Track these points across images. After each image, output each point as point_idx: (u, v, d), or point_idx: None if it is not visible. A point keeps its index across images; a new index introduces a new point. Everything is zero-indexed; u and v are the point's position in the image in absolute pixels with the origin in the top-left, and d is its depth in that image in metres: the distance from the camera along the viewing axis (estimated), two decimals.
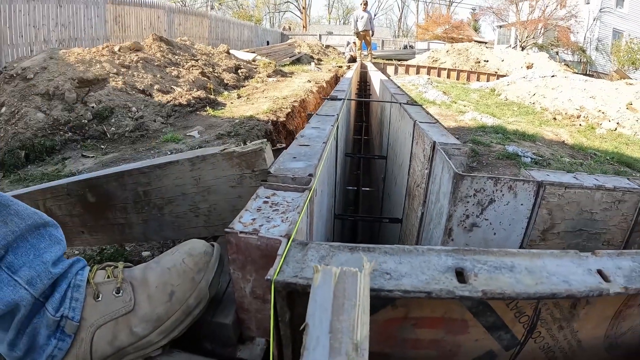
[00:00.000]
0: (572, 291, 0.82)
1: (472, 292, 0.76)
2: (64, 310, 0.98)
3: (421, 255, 0.86)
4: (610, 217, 1.86)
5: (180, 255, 1.11)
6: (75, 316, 0.99)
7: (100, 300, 1.02)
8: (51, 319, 0.97)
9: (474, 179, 1.72)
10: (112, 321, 1.01)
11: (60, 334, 0.98)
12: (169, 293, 1.05)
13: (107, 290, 1.04)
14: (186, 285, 1.07)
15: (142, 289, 1.05)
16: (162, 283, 1.06)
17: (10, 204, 0.97)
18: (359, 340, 0.58)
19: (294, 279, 0.77)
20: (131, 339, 1.01)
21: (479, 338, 0.94)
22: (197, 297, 1.07)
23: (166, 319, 1.04)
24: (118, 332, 1.01)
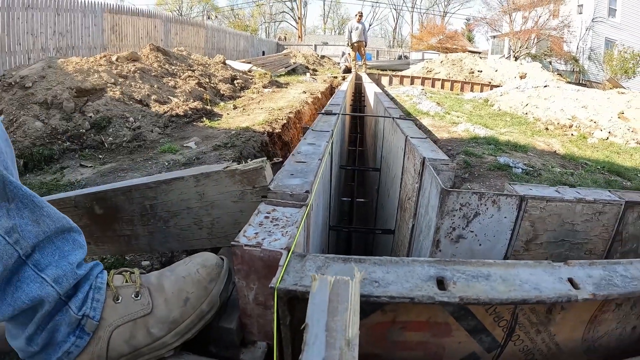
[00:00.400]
0: (542, 297, 0.91)
1: (450, 298, 0.86)
2: (85, 309, 1.05)
3: (406, 266, 0.96)
4: (591, 228, 1.94)
5: (194, 265, 1.20)
6: (96, 316, 1.06)
7: (120, 302, 1.10)
8: (74, 317, 1.04)
9: (459, 194, 1.81)
10: (130, 322, 1.09)
11: (79, 332, 1.05)
12: (184, 299, 1.14)
13: (127, 294, 1.12)
14: (200, 293, 1.16)
15: (159, 294, 1.13)
16: (178, 289, 1.15)
17: (43, 206, 1.04)
18: (350, 337, 0.68)
19: (294, 286, 0.87)
20: (148, 339, 1.09)
21: (461, 340, 1.03)
22: (209, 304, 1.17)
23: (181, 322, 1.12)
24: (136, 332, 1.09)
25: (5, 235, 0.94)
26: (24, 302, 0.97)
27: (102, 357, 1.07)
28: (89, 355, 1.06)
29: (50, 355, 1.04)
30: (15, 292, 0.97)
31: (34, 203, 1.04)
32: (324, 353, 0.66)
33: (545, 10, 30.78)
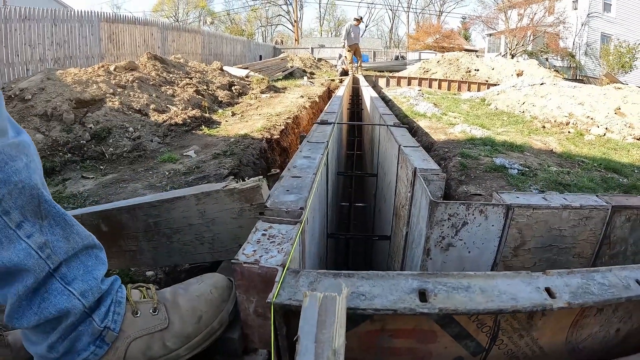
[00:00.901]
0: (517, 307, 0.98)
1: (430, 309, 0.94)
2: (107, 322, 1.13)
3: (391, 279, 1.04)
4: (579, 233, 1.99)
5: (207, 286, 1.30)
6: (116, 328, 1.14)
7: (139, 316, 1.19)
8: (96, 329, 1.11)
9: (447, 205, 1.88)
10: (148, 335, 1.17)
11: (99, 342, 1.12)
12: (198, 316, 1.23)
13: (145, 309, 1.20)
14: (212, 312, 1.26)
15: (175, 311, 1.22)
16: (192, 308, 1.24)
17: (73, 224, 1.12)
18: (336, 347, 0.77)
19: (289, 301, 0.95)
20: (163, 351, 1.18)
21: (447, 346, 1.10)
22: (219, 322, 1.27)
23: (194, 337, 1.22)
24: (152, 345, 1.17)
25: (38, 250, 1.02)
26: (51, 313, 1.05)
27: None
28: None
29: None
30: (43, 303, 1.04)
31: (65, 221, 1.11)
32: None
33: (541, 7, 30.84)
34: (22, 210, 1.01)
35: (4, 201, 0.97)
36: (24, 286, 1.01)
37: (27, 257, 1.00)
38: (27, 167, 1.05)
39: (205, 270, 1.68)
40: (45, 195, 1.07)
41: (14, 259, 0.99)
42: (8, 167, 0.99)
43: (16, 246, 0.99)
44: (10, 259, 0.98)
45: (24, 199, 1.02)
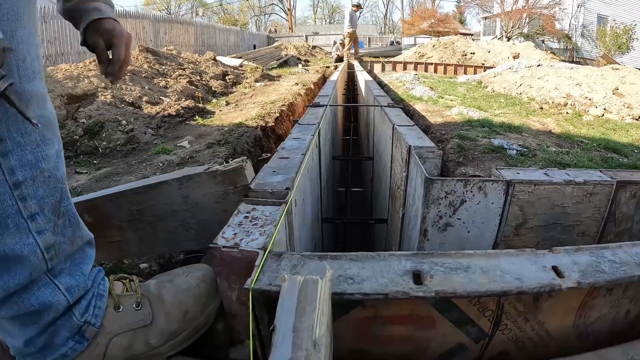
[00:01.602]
0: (524, 288, 0.90)
1: (426, 293, 0.85)
2: (87, 316, 1.05)
3: (383, 261, 0.96)
4: (583, 210, 1.93)
5: (194, 279, 1.21)
6: (97, 322, 1.06)
7: (121, 311, 1.11)
8: (75, 323, 1.03)
9: (444, 182, 1.80)
10: (130, 331, 1.09)
11: (78, 337, 1.04)
12: (184, 312, 1.15)
13: (128, 303, 1.12)
14: (198, 308, 1.17)
15: (159, 306, 1.14)
16: (178, 302, 1.15)
17: (82, 227, 1.07)
18: (317, 337, 0.68)
19: (269, 286, 0.86)
20: (145, 348, 1.10)
21: (447, 332, 1.02)
22: (205, 318, 1.18)
23: (178, 334, 1.14)
24: (134, 342, 1.09)
25: (45, 251, 0.94)
26: (32, 305, 0.96)
27: None
28: (84, 359, 1.06)
29: (45, 356, 1.04)
30: (25, 293, 0.96)
31: (78, 222, 1.05)
32: (290, 354, 0.66)
33: None
34: (41, 202, 0.93)
35: (24, 185, 0.89)
36: (15, 283, 0.92)
37: (30, 254, 0.92)
38: (58, 155, 0.97)
39: (200, 261, 1.61)
40: (68, 191, 1.00)
41: (16, 251, 0.90)
42: (39, 150, 0.91)
43: (23, 238, 0.91)
44: (12, 249, 0.89)
45: (47, 190, 0.94)
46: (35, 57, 0.90)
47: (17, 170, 0.87)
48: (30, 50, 0.87)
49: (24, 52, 0.85)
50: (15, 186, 0.87)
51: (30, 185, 0.89)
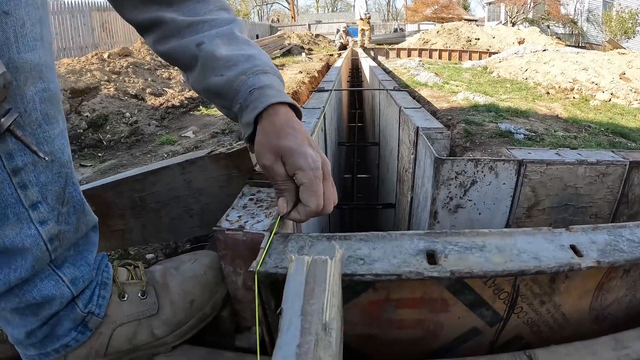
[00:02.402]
0: (542, 267, 0.86)
1: (440, 273, 0.81)
2: (91, 306, 1.00)
3: (394, 240, 0.92)
4: (595, 191, 1.89)
5: (200, 266, 1.16)
6: (101, 312, 1.02)
7: (125, 300, 1.05)
8: (79, 314, 0.98)
9: (454, 162, 1.77)
10: (135, 321, 1.05)
11: (81, 328, 1.00)
12: (190, 301, 1.10)
13: (133, 292, 1.07)
14: (205, 296, 1.12)
15: (165, 294, 1.09)
16: (184, 291, 1.10)
17: (87, 213, 0.99)
18: (327, 321, 0.64)
19: (275, 269, 0.83)
20: (150, 338, 1.06)
21: (461, 316, 0.98)
22: (212, 307, 1.14)
23: (184, 323, 1.09)
24: (139, 332, 1.05)
25: (48, 242, 0.87)
26: (35, 298, 0.90)
27: (100, 352, 1.03)
28: (87, 350, 1.02)
29: (46, 346, 0.99)
30: (26, 286, 0.89)
31: (84, 208, 0.97)
32: (298, 339, 0.61)
33: None
34: (43, 190, 0.84)
35: (24, 171, 0.80)
36: (17, 277, 0.86)
37: (33, 247, 0.84)
38: (62, 136, 0.87)
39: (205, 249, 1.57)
40: (74, 175, 0.91)
41: (17, 243, 0.83)
42: (41, 130, 0.81)
43: (24, 229, 0.83)
44: (12, 241, 0.82)
45: (50, 176, 0.85)
46: (36, 21, 0.79)
47: (16, 154, 0.79)
48: (30, 13, 0.77)
49: (22, 15, 0.75)
50: (15, 173, 0.79)
51: (31, 171, 0.81)
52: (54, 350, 1.00)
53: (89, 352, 1.03)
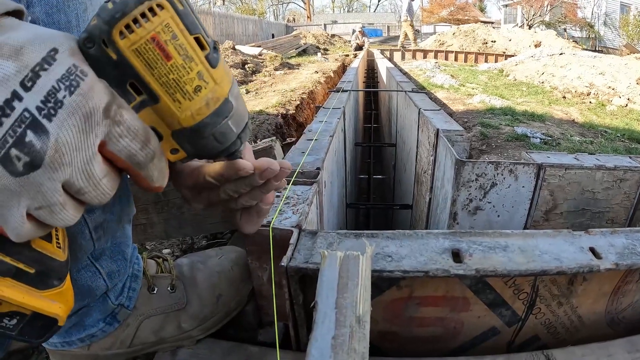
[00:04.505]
0: (563, 268, 0.88)
1: (466, 271, 0.83)
2: (122, 298, 1.01)
3: (420, 239, 0.94)
4: (612, 196, 1.90)
5: (228, 262, 1.18)
6: (131, 305, 1.03)
7: (155, 293, 1.07)
8: (110, 306, 0.99)
9: (475, 164, 1.78)
10: (162, 314, 1.06)
11: (110, 319, 1.00)
12: (217, 296, 1.11)
13: (162, 285, 1.08)
14: (232, 292, 1.14)
15: (192, 289, 1.10)
16: (211, 286, 1.12)
17: (131, 202, 0.99)
18: (361, 314, 0.66)
19: (305, 264, 0.85)
20: (176, 332, 1.07)
21: (481, 315, 1.00)
22: (238, 302, 1.15)
23: (210, 318, 1.10)
24: (166, 325, 1.06)
25: (93, 231, 0.85)
26: None
27: (125, 343, 1.05)
28: (112, 339, 1.03)
29: (71, 335, 0.99)
30: None
31: (128, 197, 0.97)
32: (333, 331, 0.64)
33: None
34: None
35: None
36: None
37: (78, 234, 0.83)
38: None
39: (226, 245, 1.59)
40: None
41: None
42: None
43: None
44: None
45: None
46: (97, 6, 0.78)
47: None
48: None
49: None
50: None
51: None
52: (79, 340, 1.00)
53: (114, 342, 1.04)
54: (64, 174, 0.47)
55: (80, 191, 0.50)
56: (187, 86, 0.52)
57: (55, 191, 0.47)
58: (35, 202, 0.47)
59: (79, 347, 1.02)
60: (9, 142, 0.43)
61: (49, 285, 0.60)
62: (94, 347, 1.03)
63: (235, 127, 0.60)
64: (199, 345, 1.11)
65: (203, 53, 0.53)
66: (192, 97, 0.53)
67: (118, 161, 0.53)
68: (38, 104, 0.45)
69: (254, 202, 0.74)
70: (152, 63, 0.50)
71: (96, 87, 0.49)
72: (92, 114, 0.48)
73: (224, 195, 0.71)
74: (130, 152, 0.52)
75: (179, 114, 0.54)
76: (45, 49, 0.46)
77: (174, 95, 0.52)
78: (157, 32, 0.49)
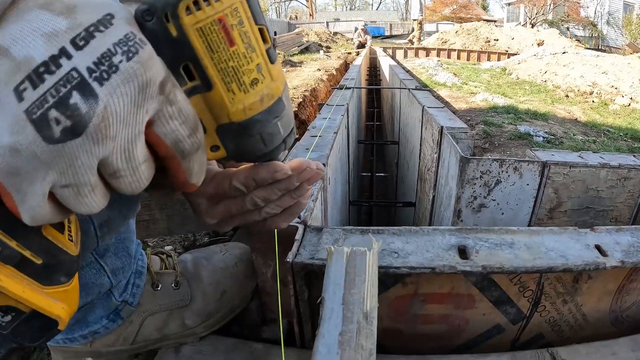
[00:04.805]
0: (569, 265, 0.87)
1: (473, 267, 0.83)
2: (126, 295, 0.99)
3: (426, 235, 0.94)
4: (616, 195, 1.90)
5: (232, 258, 1.16)
6: (134, 301, 1.01)
7: (159, 290, 1.05)
8: (113, 303, 0.97)
9: (479, 161, 1.78)
10: (167, 311, 1.04)
11: (113, 315, 0.99)
12: (221, 292, 1.10)
13: (167, 282, 1.07)
14: (236, 289, 1.12)
15: (197, 285, 1.09)
16: (215, 282, 1.10)
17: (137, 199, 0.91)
18: (368, 310, 0.66)
19: (311, 260, 0.85)
20: (180, 329, 1.06)
21: (486, 312, 1.00)
22: (241, 299, 1.14)
23: (214, 315, 1.09)
24: (170, 322, 1.05)
25: (97, 228, 0.81)
26: None
27: (128, 340, 1.03)
28: (115, 336, 1.02)
29: (74, 331, 0.97)
30: None
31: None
32: (341, 327, 0.63)
33: None
34: None
35: None
36: None
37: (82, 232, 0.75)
38: None
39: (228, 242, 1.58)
40: None
41: None
42: None
43: None
44: None
45: None
46: None
47: None
48: None
49: None
50: None
51: None
52: (81, 336, 0.99)
53: (117, 339, 1.03)
54: (105, 150, 0.42)
55: (116, 174, 0.45)
56: (244, 77, 0.50)
57: (90, 168, 0.42)
58: (63, 178, 0.42)
59: (81, 344, 1.01)
60: (48, 102, 0.39)
61: (54, 281, 0.53)
62: (96, 344, 1.02)
63: (283, 129, 0.57)
64: (202, 342, 1.11)
65: (265, 46, 0.52)
66: (248, 89, 0.51)
67: (161, 146, 0.48)
68: (89, 64, 0.40)
69: (279, 210, 0.68)
70: (214, 46, 0.47)
71: (155, 58, 0.45)
72: (148, 86, 0.44)
73: (249, 204, 0.65)
74: (177, 138, 0.48)
75: (231, 106, 0.51)
76: (101, 12, 0.42)
77: (230, 84, 0.50)
78: (225, 15, 0.47)
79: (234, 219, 0.68)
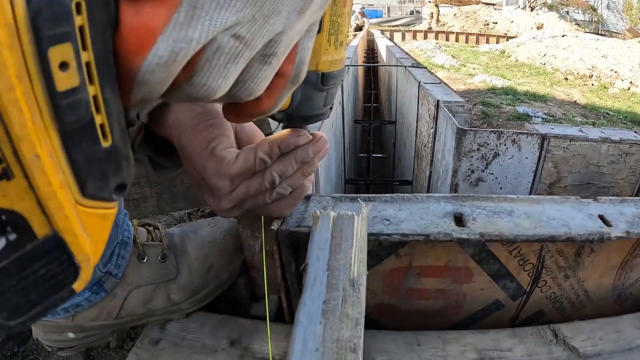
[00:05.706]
0: (572, 234, 0.83)
1: (469, 235, 0.78)
2: (110, 266, 0.95)
3: (420, 203, 0.89)
4: (618, 170, 1.87)
5: (220, 231, 1.12)
6: (119, 274, 0.96)
7: (145, 262, 1.01)
8: (97, 274, 0.93)
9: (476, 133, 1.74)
10: (152, 284, 1.00)
11: (96, 288, 0.95)
12: (208, 266, 1.06)
13: (153, 254, 1.02)
14: (224, 263, 1.08)
15: (183, 259, 1.05)
16: (203, 255, 1.07)
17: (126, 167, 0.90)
18: (355, 277, 0.61)
19: (297, 228, 0.80)
20: (166, 304, 1.01)
21: (484, 287, 0.96)
22: (229, 274, 1.09)
23: (201, 290, 1.05)
24: (155, 296, 1.01)
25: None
26: None
27: (112, 314, 0.99)
28: (98, 310, 0.97)
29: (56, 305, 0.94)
30: None
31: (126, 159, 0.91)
32: (324, 295, 0.59)
33: None
34: None
35: None
36: None
37: None
38: None
39: None
40: None
41: None
42: None
43: None
44: None
45: None
46: None
47: None
48: None
49: None
50: None
51: None
52: (62, 310, 0.95)
53: (100, 313, 0.99)
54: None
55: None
56: (340, 35, 0.55)
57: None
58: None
59: (62, 318, 0.96)
60: None
61: (100, 192, 0.33)
62: (78, 318, 0.97)
63: (334, 97, 0.63)
64: (189, 319, 1.06)
65: None
66: (338, 47, 0.56)
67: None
68: None
69: (288, 192, 0.71)
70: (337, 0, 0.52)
71: None
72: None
73: (267, 182, 0.66)
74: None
75: (323, 55, 0.55)
76: None
77: (330, 37, 0.54)
78: None
79: (245, 202, 0.70)
